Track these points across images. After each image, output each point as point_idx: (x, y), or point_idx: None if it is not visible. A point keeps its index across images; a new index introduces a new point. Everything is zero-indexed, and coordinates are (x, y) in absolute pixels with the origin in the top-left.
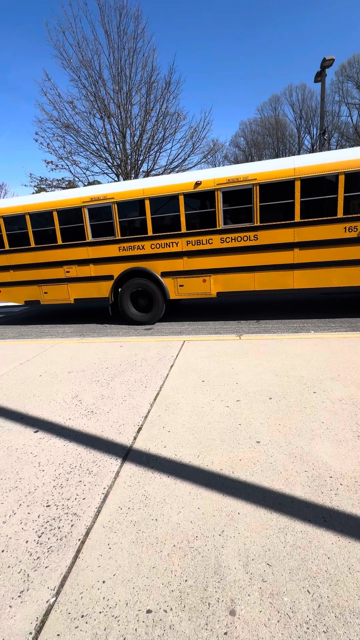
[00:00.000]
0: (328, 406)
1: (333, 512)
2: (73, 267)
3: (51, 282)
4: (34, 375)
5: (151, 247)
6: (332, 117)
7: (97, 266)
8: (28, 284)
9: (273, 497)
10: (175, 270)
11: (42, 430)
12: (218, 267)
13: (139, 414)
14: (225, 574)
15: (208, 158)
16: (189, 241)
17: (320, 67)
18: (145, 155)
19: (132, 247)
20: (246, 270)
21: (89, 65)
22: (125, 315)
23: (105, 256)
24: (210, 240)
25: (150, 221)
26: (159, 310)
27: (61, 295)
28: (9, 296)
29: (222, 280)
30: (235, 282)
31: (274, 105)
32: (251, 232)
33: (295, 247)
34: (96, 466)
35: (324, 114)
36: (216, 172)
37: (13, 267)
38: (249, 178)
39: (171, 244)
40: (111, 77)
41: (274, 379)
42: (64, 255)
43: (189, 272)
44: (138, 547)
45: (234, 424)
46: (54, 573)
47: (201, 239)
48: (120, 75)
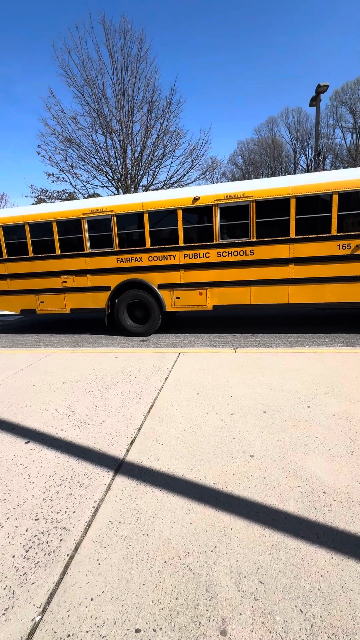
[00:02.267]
0: (322, 421)
1: (326, 529)
2: (70, 277)
3: (48, 291)
4: (27, 385)
5: (149, 260)
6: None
7: (94, 277)
8: (25, 293)
9: (266, 512)
10: (172, 283)
11: (33, 441)
12: (214, 281)
13: (132, 426)
14: (217, 592)
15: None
16: (186, 254)
17: (315, 93)
18: (145, 171)
19: (129, 259)
20: (242, 284)
21: (92, 83)
22: (121, 326)
23: (103, 267)
24: (207, 254)
25: (149, 234)
26: (155, 322)
27: (58, 305)
28: (5, 305)
29: (219, 293)
30: (232, 295)
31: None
32: (247, 247)
33: (291, 262)
34: (87, 479)
35: (318, 136)
36: (214, 188)
37: (10, 275)
38: (246, 195)
39: (168, 257)
40: (114, 95)
41: (268, 392)
42: (61, 266)
43: (185, 285)
44: (128, 563)
45: (228, 438)
46: (40, 590)
47: (198, 253)
48: (123, 94)
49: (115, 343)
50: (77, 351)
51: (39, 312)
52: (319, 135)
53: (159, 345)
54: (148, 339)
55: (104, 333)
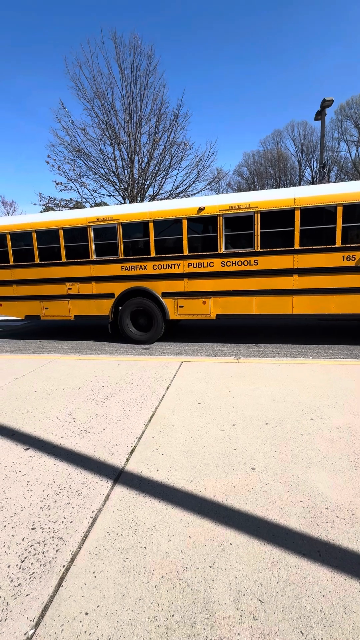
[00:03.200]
0: (325, 434)
1: (329, 546)
2: (75, 284)
3: (52, 298)
4: (28, 391)
5: (153, 268)
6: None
7: (99, 284)
8: (30, 299)
9: (267, 527)
10: (175, 291)
11: (33, 448)
12: (218, 290)
13: (133, 435)
14: (215, 610)
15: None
16: (190, 263)
17: (321, 107)
18: (152, 181)
19: (134, 267)
20: (246, 294)
21: (102, 96)
22: (125, 333)
23: (107, 275)
24: (211, 263)
25: (154, 243)
26: (158, 329)
27: (62, 311)
28: (9, 310)
29: (222, 302)
30: (235, 305)
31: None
32: (252, 257)
33: (295, 273)
34: (86, 488)
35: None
36: (219, 199)
37: (16, 281)
38: (251, 206)
39: (173, 266)
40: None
41: (271, 403)
42: (67, 272)
43: (189, 294)
44: (125, 576)
45: (229, 449)
46: (34, 602)
47: (202, 262)
48: (132, 106)
49: (117, 350)
50: (80, 358)
51: (43, 318)
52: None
53: (161, 353)
54: (150, 346)
55: (106, 340)
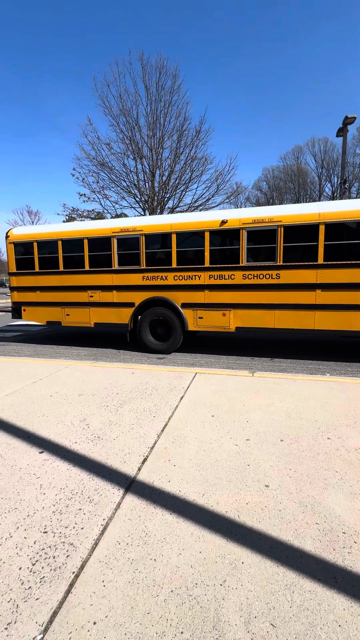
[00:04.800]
0: (343, 454)
1: (345, 573)
2: (97, 292)
3: (74, 305)
4: (45, 395)
5: (174, 279)
6: (352, 168)
7: (120, 293)
8: (52, 305)
9: (280, 548)
10: (195, 302)
11: (47, 452)
12: (238, 303)
13: (145, 444)
14: (225, 631)
15: (231, 199)
16: (211, 275)
17: (342, 124)
18: (172, 194)
19: (155, 277)
20: (267, 308)
21: (127, 113)
22: (143, 342)
23: (128, 284)
24: (232, 275)
25: (175, 254)
26: (176, 340)
27: (82, 318)
28: (32, 316)
29: (242, 315)
30: (255, 318)
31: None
32: (274, 271)
33: (318, 288)
34: (98, 495)
35: (345, 165)
36: (242, 212)
37: (40, 288)
38: (274, 220)
39: (194, 277)
40: (146, 124)
41: (286, 420)
42: (89, 281)
43: (209, 305)
44: (134, 588)
45: (243, 464)
46: (44, 607)
47: (223, 274)
48: (155, 123)
49: (132, 359)
50: (96, 364)
51: (64, 324)
52: (345, 164)
53: (176, 363)
54: (165, 356)
55: (122, 348)
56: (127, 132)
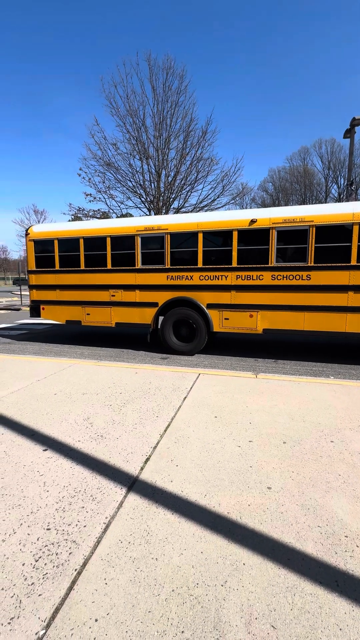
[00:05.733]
0: (346, 458)
1: (347, 577)
2: (119, 292)
3: (95, 304)
4: (49, 393)
5: (199, 279)
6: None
7: (142, 292)
8: (72, 304)
9: (282, 550)
10: (221, 303)
11: (51, 450)
12: (267, 304)
13: (148, 444)
14: (226, 631)
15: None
16: (238, 275)
17: (350, 125)
18: (177, 194)
19: (180, 277)
20: (296, 309)
21: (134, 114)
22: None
23: (152, 283)
24: (260, 276)
25: (202, 253)
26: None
27: (103, 317)
28: (51, 314)
29: (270, 317)
30: (284, 320)
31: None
32: (304, 272)
33: (350, 290)
34: (100, 493)
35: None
36: (272, 211)
37: (60, 286)
38: (306, 219)
39: (220, 277)
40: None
41: (289, 422)
42: (111, 280)
43: (235, 306)
44: (135, 586)
45: (245, 466)
46: (46, 603)
47: (251, 274)
48: (162, 123)
49: (136, 358)
50: (99, 364)
51: (84, 324)
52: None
53: (179, 364)
54: (169, 357)
55: (126, 348)
56: (134, 133)
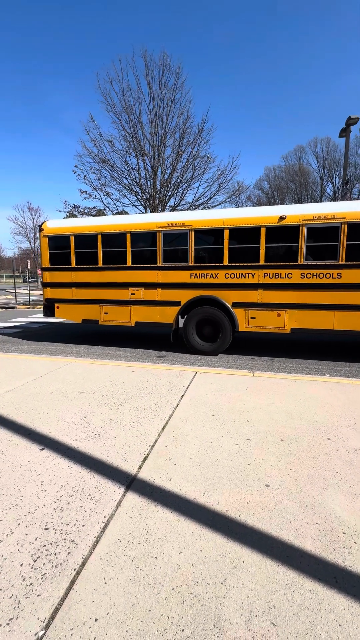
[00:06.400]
0: (343, 455)
1: (346, 573)
2: (139, 290)
3: (114, 302)
4: (45, 392)
5: (225, 277)
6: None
7: (164, 291)
8: (89, 302)
9: (281, 548)
10: (248, 302)
11: (48, 449)
12: (295, 303)
13: (146, 443)
14: (226, 629)
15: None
16: (266, 273)
17: (345, 124)
18: (174, 192)
19: (204, 275)
20: (326, 308)
21: (130, 110)
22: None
23: (175, 281)
24: (289, 274)
25: (227, 251)
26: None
27: (122, 317)
28: (66, 313)
29: (299, 316)
30: (313, 319)
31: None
32: (335, 270)
33: None
34: (98, 492)
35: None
36: (302, 208)
37: (76, 284)
38: (337, 216)
39: (247, 275)
40: (149, 121)
41: (286, 420)
42: (131, 277)
43: (263, 305)
44: (135, 585)
45: (243, 464)
46: (45, 603)
47: (280, 273)
48: (158, 120)
49: (132, 357)
50: (96, 362)
51: (101, 323)
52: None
53: (176, 362)
54: (165, 355)
55: (122, 346)
56: (130, 130)
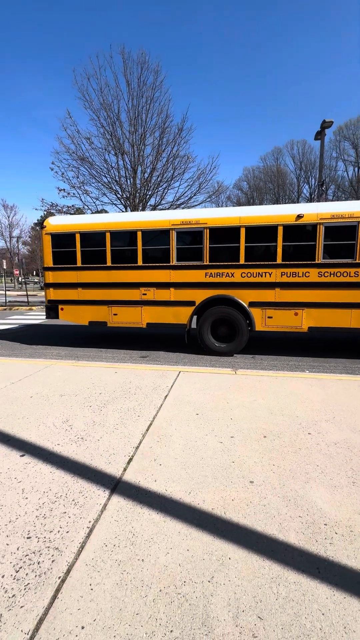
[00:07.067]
0: (323, 449)
1: (328, 563)
2: (151, 290)
3: (123, 303)
4: (24, 396)
5: (241, 276)
6: (329, 171)
7: (178, 290)
8: (97, 303)
9: (266, 542)
10: (265, 301)
11: (28, 455)
12: (313, 301)
13: (130, 444)
14: (214, 626)
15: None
16: (283, 272)
17: (320, 128)
18: (154, 191)
19: (220, 274)
20: (343, 307)
21: (108, 108)
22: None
23: (189, 281)
24: (307, 273)
25: (244, 249)
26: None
27: (133, 318)
28: (72, 315)
29: (316, 315)
30: (330, 317)
31: (276, 155)
32: (352, 269)
33: None
34: (83, 497)
35: (322, 168)
36: (319, 206)
37: (82, 284)
38: (355, 215)
39: (264, 274)
40: (128, 119)
41: (268, 416)
42: (142, 277)
43: (280, 304)
44: (122, 589)
45: (228, 461)
46: (29, 614)
47: (297, 272)
48: (137, 119)
49: (114, 358)
50: (77, 364)
51: (110, 325)
52: (323, 166)
53: (159, 362)
54: (148, 355)
55: (104, 347)
56: (108, 127)
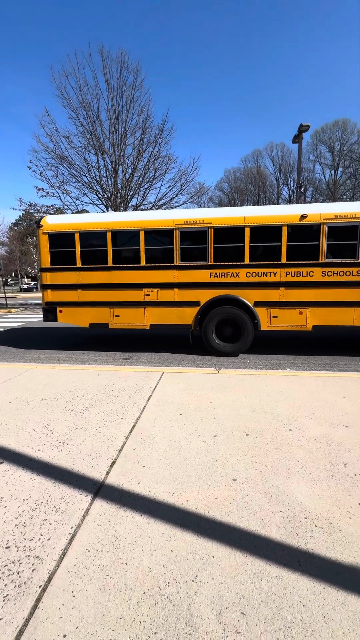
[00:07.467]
0: (303, 444)
1: (308, 556)
2: (154, 291)
3: (126, 304)
4: (3, 402)
5: (246, 275)
6: (307, 174)
7: (182, 291)
8: (98, 305)
9: (249, 539)
10: (270, 301)
11: (7, 462)
12: (317, 300)
13: (113, 447)
14: (198, 625)
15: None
16: (288, 272)
17: (298, 131)
18: (135, 191)
19: (225, 274)
20: (347, 305)
21: (88, 107)
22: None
23: (193, 281)
24: (311, 272)
25: (249, 249)
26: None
27: (136, 319)
28: (71, 317)
29: (320, 313)
30: (334, 316)
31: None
32: (355, 268)
33: None
34: (64, 503)
35: (300, 170)
36: (323, 207)
37: (82, 286)
38: (357, 216)
39: (269, 274)
40: (108, 119)
41: (251, 414)
42: (145, 278)
43: (285, 304)
44: (105, 594)
45: (211, 461)
46: (8, 626)
47: (302, 271)
48: (117, 118)
49: (97, 360)
50: (58, 367)
51: (112, 327)
52: (301, 169)
53: (142, 363)
54: (131, 356)
55: (86, 349)
56: (88, 126)
